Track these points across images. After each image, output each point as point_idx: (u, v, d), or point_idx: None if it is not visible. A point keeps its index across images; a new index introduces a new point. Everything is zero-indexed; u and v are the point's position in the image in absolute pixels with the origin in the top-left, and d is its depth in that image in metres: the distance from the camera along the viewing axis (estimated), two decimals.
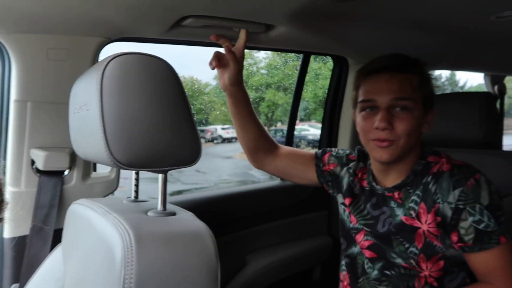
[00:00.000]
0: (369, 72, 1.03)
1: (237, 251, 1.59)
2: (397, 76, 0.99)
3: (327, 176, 1.26)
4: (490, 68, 2.26)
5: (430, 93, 1.04)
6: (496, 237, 0.92)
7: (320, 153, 1.30)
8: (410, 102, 0.98)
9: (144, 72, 0.72)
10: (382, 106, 0.98)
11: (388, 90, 0.98)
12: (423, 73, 1.02)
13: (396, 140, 0.97)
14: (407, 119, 0.97)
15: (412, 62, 1.02)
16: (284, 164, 1.31)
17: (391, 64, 1.00)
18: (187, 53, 2.39)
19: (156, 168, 0.73)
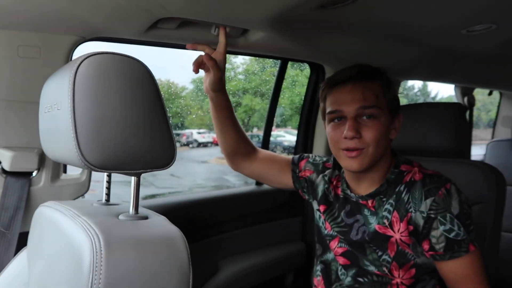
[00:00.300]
0: (333, 84, 1.05)
1: (210, 257, 1.57)
2: (359, 86, 1.01)
3: (303, 182, 1.27)
4: (460, 80, 2.33)
5: (394, 99, 1.07)
6: (466, 246, 0.94)
7: (297, 158, 1.31)
8: (376, 110, 1.00)
9: (119, 72, 0.71)
10: (349, 115, 1.01)
11: (353, 100, 1.00)
12: (385, 80, 1.05)
13: (365, 148, 0.99)
14: (374, 126, 1.00)
15: (373, 71, 1.05)
16: (260, 169, 1.32)
17: (353, 75, 1.02)
18: (164, 56, 2.37)
19: (129, 171, 0.72)
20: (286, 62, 1.76)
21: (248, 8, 1.05)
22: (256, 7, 1.04)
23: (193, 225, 1.48)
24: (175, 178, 6.06)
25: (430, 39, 1.59)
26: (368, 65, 1.06)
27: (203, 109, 5.28)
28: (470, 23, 1.39)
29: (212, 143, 6.36)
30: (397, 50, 1.67)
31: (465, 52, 1.83)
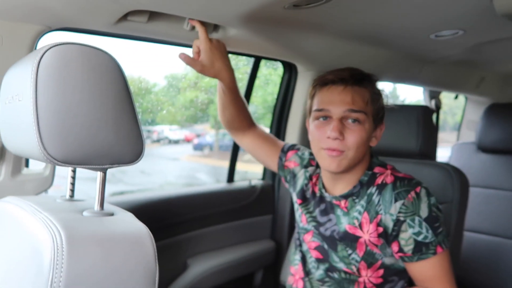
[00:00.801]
0: (325, 83, 1.06)
1: (178, 255, 1.55)
2: (350, 89, 1.02)
3: (286, 172, 1.29)
4: (428, 84, 2.40)
5: (380, 108, 1.08)
6: (433, 248, 0.97)
7: (287, 147, 1.33)
8: (362, 115, 1.02)
9: (85, 64, 0.69)
10: (335, 116, 1.02)
11: (342, 102, 1.01)
12: (375, 88, 1.07)
13: (346, 151, 1.01)
14: (357, 131, 1.01)
15: (366, 77, 1.06)
16: (250, 146, 1.36)
17: (345, 77, 1.03)
18: (136, 51, 2.33)
19: (95, 166, 0.69)
20: (259, 60, 1.76)
21: (221, 4, 1.04)
22: (229, 2, 1.03)
23: (161, 222, 1.46)
24: (145, 175, 5.97)
25: (400, 42, 1.63)
26: (361, 70, 1.07)
27: (174, 106, 5.22)
28: (438, 28, 1.43)
29: (183, 140, 6.30)
30: (367, 52, 1.70)
31: (433, 56, 1.89)
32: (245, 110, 1.33)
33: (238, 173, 1.88)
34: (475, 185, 2.15)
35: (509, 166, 2.12)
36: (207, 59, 1.16)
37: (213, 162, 6.23)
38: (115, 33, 1.19)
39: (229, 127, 1.36)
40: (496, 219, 2.11)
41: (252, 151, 1.38)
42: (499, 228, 2.09)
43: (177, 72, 5.21)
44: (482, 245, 2.12)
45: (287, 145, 1.34)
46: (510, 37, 1.55)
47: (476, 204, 2.12)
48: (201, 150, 6.50)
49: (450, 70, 2.22)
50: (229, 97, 1.25)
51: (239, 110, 1.30)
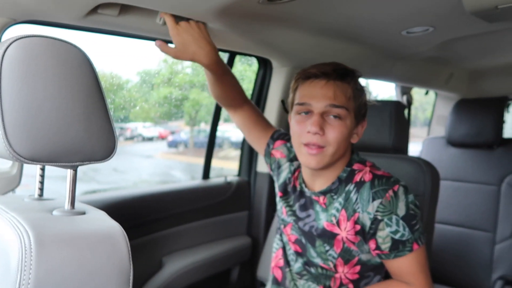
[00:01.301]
0: (307, 76, 1.05)
1: (153, 253, 1.53)
2: (332, 84, 1.01)
3: (272, 160, 1.28)
4: (400, 80, 2.45)
5: (363, 104, 1.08)
6: (410, 245, 0.98)
7: (277, 135, 1.31)
8: (343, 111, 1.01)
9: (53, 57, 0.66)
10: (316, 110, 1.01)
11: (323, 96, 1.00)
12: (358, 84, 1.06)
13: (326, 146, 1.00)
14: (338, 127, 1.00)
15: (349, 72, 1.05)
16: (239, 125, 1.36)
17: (328, 71, 1.02)
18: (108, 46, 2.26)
19: (64, 163, 0.67)
20: (234, 56, 1.74)
21: None
22: None
23: (135, 221, 1.43)
24: (119, 173, 5.86)
25: (372, 38, 1.65)
26: (344, 66, 1.06)
27: (148, 102, 5.13)
28: (409, 24, 1.45)
29: (157, 137, 6.21)
30: (341, 47, 1.72)
31: (404, 52, 1.92)
32: (235, 88, 1.31)
33: (213, 169, 1.87)
34: (445, 178, 2.22)
35: (477, 160, 2.20)
36: (177, 44, 1.15)
37: (188, 159, 6.18)
38: (85, 26, 1.15)
39: (221, 104, 1.36)
40: (464, 210, 2.17)
41: (242, 131, 1.38)
42: (467, 219, 2.16)
43: (150, 68, 5.13)
44: (451, 236, 2.19)
45: (277, 132, 1.32)
46: (477, 34, 1.59)
47: (445, 196, 2.18)
48: (175, 147, 6.42)
49: (420, 66, 2.27)
50: (214, 77, 1.23)
51: (226, 89, 1.28)
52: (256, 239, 1.89)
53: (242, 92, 1.33)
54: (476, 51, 2.05)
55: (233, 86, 1.30)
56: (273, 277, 1.24)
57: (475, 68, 2.53)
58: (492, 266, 2.06)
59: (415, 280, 1.02)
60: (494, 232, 2.08)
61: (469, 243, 2.13)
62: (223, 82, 1.26)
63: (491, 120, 2.11)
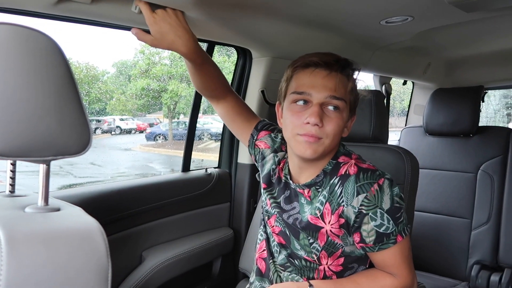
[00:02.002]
0: (307, 65, 1.00)
1: (133, 248, 1.50)
2: (335, 75, 0.98)
3: (256, 151, 1.26)
4: (378, 70, 2.46)
5: (357, 98, 1.06)
6: (394, 237, 0.98)
7: (261, 126, 1.28)
8: (342, 103, 0.99)
9: (21, 46, 0.63)
10: (315, 101, 0.97)
11: (325, 87, 0.97)
12: (355, 78, 1.04)
13: (323, 138, 0.98)
14: (336, 119, 0.98)
15: (349, 64, 1.02)
16: (223, 116, 1.33)
17: (330, 62, 0.99)
18: (83, 37, 2.17)
19: (36, 158, 0.64)
20: (213, 46, 1.71)
21: None
22: None
23: (114, 215, 1.40)
24: (96, 166, 5.76)
25: (352, 28, 1.65)
26: (343, 57, 1.03)
27: (125, 94, 5.04)
28: (388, 14, 1.45)
29: (135, 130, 6.12)
30: (321, 37, 1.71)
31: (383, 42, 1.93)
32: (216, 78, 1.27)
33: (193, 161, 1.84)
34: (423, 167, 2.25)
35: (454, 148, 2.24)
36: (154, 32, 1.11)
37: (167, 151, 6.11)
38: (55, 14, 1.10)
39: (203, 94, 1.33)
40: (442, 198, 2.22)
41: (226, 122, 1.35)
42: (445, 206, 2.20)
43: (127, 59, 5.02)
44: (430, 224, 2.23)
45: (261, 123, 1.29)
46: (455, 24, 1.61)
47: (424, 185, 2.22)
48: (154, 139, 6.34)
49: (399, 56, 2.29)
50: (193, 67, 1.20)
51: (207, 79, 1.25)
52: (238, 230, 1.89)
53: (225, 82, 1.30)
54: (453, 41, 2.08)
55: (215, 76, 1.26)
56: (256, 268, 1.23)
57: (452, 58, 2.57)
58: (469, 251, 2.11)
59: (398, 271, 1.03)
60: (470, 218, 2.13)
61: (447, 230, 2.18)
62: (204, 72, 1.22)
63: (467, 109, 2.14)
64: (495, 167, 2.10)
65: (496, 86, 2.93)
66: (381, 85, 2.67)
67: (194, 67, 1.19)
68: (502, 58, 2.43)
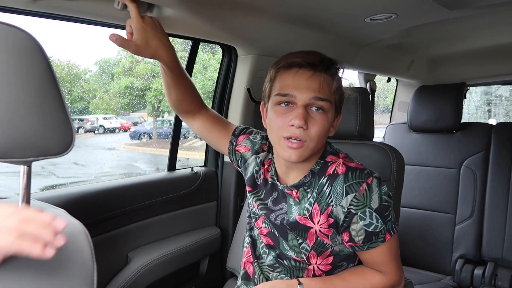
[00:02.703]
0: (290, 65, 0.98)
1: (118, 249, 1.47)
2: (319, 75, 0.96)
3: (238, 156, 1.24)
4: (363, 67, 2.48)
5: (342, 98, 1.04)
6: (383, 236, 0.98)
7: (239, 131, 1.26)
8: (327, 104, 0.97)
9: (0, 43, 0.60)
10: (299, 103, 0.96)
11: (309, 88, 0.95)
12: (339, 76, 1.02)
13: (307, 141, 0.96)
14: (321, 120, 0.96)
15: (333, 64, 1.00)
16: (200, 130, 1.30)
17: (314, 62, 0.96)
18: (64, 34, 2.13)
19: (17, 159, 0.62)
20: (197, 44, 1.70)
21: None
22: None
23: (99, 216, 1.37)
24: (79, 166, 5.66)
25: (337, 26, 1.65)
26: (327, 56, 1.00)
27: (108, 93, 4.96)
28: (373, 11, 1.46)
29: (119, 129, 6.04)
30: (306, 35, 1.71)
31: (368, 40, 1.94)
32: (192, 91, 1.26)
33: (179, 160, 1.82)
34: (407, 163, 2.27)
35: (437, 144, 2.27)
36: (140, 39, 1.08)
37: (152, 150, 6.05)
38: (35, 11, 1.07)
39: (178, 110, 1.29)
40: (426, 194, 2.25)
41: (203, 135, 1.32)
42: (429, 202, 2.23)
43: (109, 57, 4.94)
44: (415, 219, 2.26)
45: (238, 128, 1.28)
46: (438, 21, 1.62)
47: (408, 181, 2.24)
48: (138, 138, 6.27)
49: (383, 54, 2.30)
50: (172, 77, 1.18)
51: (184, 91, 1.23)
52: (225, 229, 1.87)
53: (199, 95, 1.29)
54: (436, 38, 2.10)
55: (191, 88, 1.25)
56: (244, 272, 1.22)
57: (435, 55, 2.60)
58: (453, 246, 2.14)
59: (387, 269, 1.04)
60: (454, 213, 2.16)
61: (431, 225, 2.21)
62: (181, 83, 1.21)
63: (450, 106, 2.17)
64: (477, 163, 2.14)
65: (478, 82, 2.98)
66: (365, 82, 2.68)
67: (172, 78, 1.18)
68: (484, 55, 2.48)
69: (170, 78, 1.18)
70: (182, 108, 1.27)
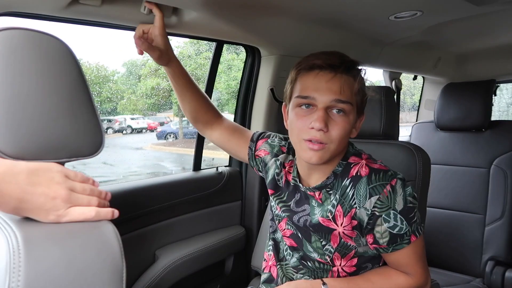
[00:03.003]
0: (311, 67, 0.97)
1: (146, 247, 1.52)
2: (339, 77, 0.95)
3: (258, 161, 1.25)
4: (388, 65, 2.44)
5: (365, 99, 1.03)
6: (408, 238, 0.97)
7: (257, 136, 1.27)
8: (348, 106, 0.95)
9: (35, 50, 0.64)
10: (320, 105, 0.94)
11: (329, 90, 0.94)
12: (361, 77, 1.00)
13: (328, 144, 0.95)
14: (342, 123, 0.95)
15: (355, 65, 0.99)
16: (220, 139, 1.32)
17: (335, 64, 0.95)
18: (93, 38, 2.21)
19: (51, 160, 0.65)
20: (221, 45, 1.72)
21: None
22: None
23: (127, 214, 1.41)
24: (108, 166, 5.81)
25: (360, 25, 1.64)
26: (348, 57, 0.99)
27: (136, 94, 5.07)
28: (397, 9, 1.44)
29: (147, 129, 6.15)
30: (329, 35, 1.70)
31: (392, 38, 1.91)
32: (206, 100, 1.29)
33: (204, 160, 1.85)
34: (434, 162, 2.23)
35: (465, 143, 2.21)
36: (163, 45, 1.12)
37: (178, 150, 6.14)
38: (66, 17, 1.11)
39: (195, 120, 1.31)
40: (455, 194, 2.20)
41: (223, 145, 1.33)
42: (458, 202, 2.18)
43: (136, 59, 5.04)
44: (442, 220, 2.21)
45: (256, 134, 1.28)
46: (465, 18, 1.59)
47: (436, 180, 2.20)
48: (165, 138, 6.37)
49: (408, 52, 2.27)
50: (185, 85, 1.23)
51: (198, 98, 1.26)
52: (250, 228, 1.89)
53: (214, 106, 1.32)
54: (463, 35, 2.06)
55: (204, 97, 1.29)
56: (268, 275, 1.23)
57: (463, 52, 2.53)
58: (482, 247, 2.09)
59: (412, 270, 1.02)
60: (484, 214, 2.10)
61: (459, 226, 2.16)
62: (193, 90, 1.25)
63: (479, 103, 2.12)
64: (508, 162, 2.08)
65: (509, 79, 2.88)
66: (391, 81, 2.65)
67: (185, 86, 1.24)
68: None
69: (183, 85, 1.23)
70: (199, 117, 1.30)
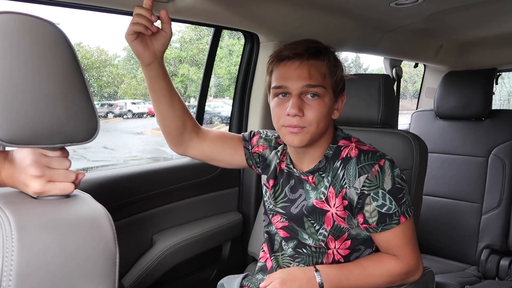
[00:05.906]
0: (281, 59, 1.03)
1: (143, 232, 1.53)
2: (306, 63, 0.99)
3: (256, 158, 1.27)
4: (388, 53, 2.42)
5: (340, 80, 1.06)
6: (397, 218, 1.00)
7: (248, 135, 1.28)
8: (321, 89, 1.00)
9: (27, 34, 0.63)
10: (293, 92, 1.00)
11: (299, 77, 0.99)
12: (332, 60, 1.04)
13: (307, 126, 1.00)
14: (317, 106, 1.00)
15: (322, 49, 1.03)
16: (212, 148, 1.22)
17: (300, 51, 1.00)
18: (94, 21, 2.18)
19: (45, 145, 0.65)
20: (220, 31, 1.70)
21: None
22: None
23: (124, 200, 1.42)
24: (109, 150, 5.81)
25: (361, 11, 1.62)
26: (317, 42, 1.04)
27: (137, 78, 5.04)
28: None
29: (147, 113, 6.14)
30: (329, 21, 1.68)
31: (393, 25, 1.90)
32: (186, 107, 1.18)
33: None
34: (433, 151, 2.23)
35: (464, 132, 2.21)
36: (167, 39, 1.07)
37: None
38: (58, 1, 1.10)
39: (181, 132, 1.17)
40: (452, 182, 2.20)
41: (216, 154, 1.24)
42: (455, 191, 2.19)
43: None
44: (439, 208, 2.23)
45: (246, 134, 1.29)
46: (467, 5, 1.57)
47: (434, 169, 2.21)
48: None
49: (409, 39, 2.25)
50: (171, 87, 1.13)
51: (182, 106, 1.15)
52: (247, 214, 1.90)
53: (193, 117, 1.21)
54: (465, 23, 2.03)
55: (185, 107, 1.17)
56: (263, 265, 1.25)
57: (464, 40, 2.51)
58: (478, 236, 2.11)
59: (402, 253, 1.05)
60: (481, 203, 2.11)
61: (456, 214, 2.17)
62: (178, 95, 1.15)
63: (479, 92, 2.11)
64: (507, 151, 2.08)
65: (511, 68, 2.86)
66: (391, 68, 2.63)
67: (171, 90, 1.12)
68: None
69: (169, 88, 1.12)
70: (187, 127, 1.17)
